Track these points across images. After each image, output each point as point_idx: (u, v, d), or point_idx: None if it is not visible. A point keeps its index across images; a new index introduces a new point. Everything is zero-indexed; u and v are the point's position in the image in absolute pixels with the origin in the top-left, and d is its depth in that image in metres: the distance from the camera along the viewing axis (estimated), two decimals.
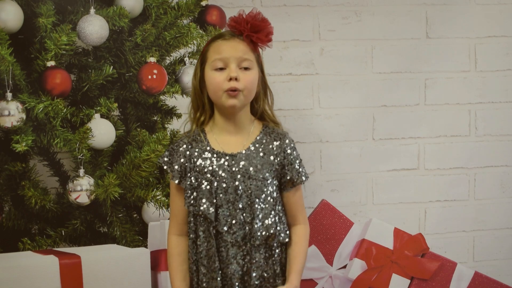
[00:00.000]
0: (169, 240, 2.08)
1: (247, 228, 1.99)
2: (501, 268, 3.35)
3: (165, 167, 2.06)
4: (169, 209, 2.17)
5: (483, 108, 3.34)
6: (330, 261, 2.66)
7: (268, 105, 2.09)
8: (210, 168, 2.01)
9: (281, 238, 2.02)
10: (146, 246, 2.55)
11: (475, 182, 3.36)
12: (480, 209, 3.37)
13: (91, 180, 2.55)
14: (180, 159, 2.03)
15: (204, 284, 2.01)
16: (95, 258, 2.27)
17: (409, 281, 2.63)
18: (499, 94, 3.34)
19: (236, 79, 1.97)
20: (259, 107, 2.07)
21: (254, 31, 1.99)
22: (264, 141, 2.04)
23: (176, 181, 2.03)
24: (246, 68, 1.99)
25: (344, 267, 2.66)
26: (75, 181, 2.54)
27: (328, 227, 2.67)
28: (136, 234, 2.66)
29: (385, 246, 2.64)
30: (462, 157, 3.34)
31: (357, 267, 2.61)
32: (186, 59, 2.76)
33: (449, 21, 3.27)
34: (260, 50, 2.05)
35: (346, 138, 3.23)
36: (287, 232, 2.05)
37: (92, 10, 2.57)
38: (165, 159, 2.06)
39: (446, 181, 3.33)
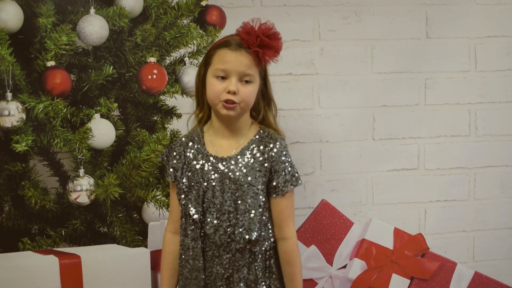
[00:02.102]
0: (164, 237, 2.12)
1: (231, 231, 1.99)
2: (501, 268, 3.35)
3: (164, 164, 2.09)
4: (169, 208, 2.18)
5: (483, 108, 3.34)
6: (330, 261, 2.66)
7: (272, 115, 2.08)
8: (201, 170, 2.02)
9: (265, 245, 2.02)
10: (146, 246, 2.55)
11: (475, 182, 3.36)
12: (480, 209, 3.37)
13: (91, 180, 2.55)
14: (175, 159, 2.06)
15: (188, 283, 2.02)
16: (95, 258, 2.27)
17: (409, 281, 2.63)
18: (499, 94, 3.34)
19: (234, 93, 1.97)
20: (260, 115, 2.06)
21: (262, 46, 1.97)
22: (255, 145, 2.03)
23: (172, 180, 2.06)
24: (247, 81, 1.99)
25: (344, 267, 2.66)
26: (75, 181, 2.54)
27: (328, 227, 2.67)
28: (136, 234, 2.66)
29: (385, 246, 2.64)
30: (462, 157, 3.34)
31: (357, 267, 2.61)
32: (186, 59, 2.76)
33: (449, 21, 3.27)
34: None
35: (346, 138, 3.23)
36: (272, 239, 2.03)
37: (92, 10, 2.57)
38: (164, 157, 2.09)
39: (446, 181, 3.33)
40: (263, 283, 2.02)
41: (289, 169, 2.02)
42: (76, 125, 2.59)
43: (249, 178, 1.99)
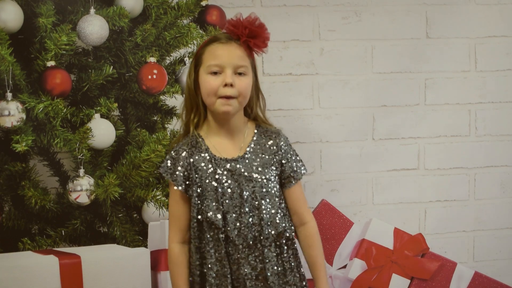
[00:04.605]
0: (171, 249, 2.04)
1: (256, 229, 1.99)
2: (501, 268, 3.35)
3: (167, 177, 2.02)
4: (171, 217, 2.12)
5: (483, 108, 3.34)
6: (330, 261, 2.66)
7: (260, 108, 2.08)
8: (214, 175, 2.00)
9: (287, 234, 2.03)
10: (146, 246, 2.55)
11: (475, 182, 3.36)
12: (480, 209, 3.37)
13: (91, 180, 2.55)
14: (182, 167, 2.01)
15: None
16: (95, 258, 2.27)
17: (409, 281, 2.63)
18: (499, 94, 3.35)
19: (231, 85, 1.97)
20: (252, 111, 2.07)
21: (251, 36, 1.98)
22: (260, 141, 2.04)
23: (180, 188, 2.00)
24: (241, 74, 1.99)
25: (344, 267, 2.66)
26: (75, 181, 2.54)
27: (328, 227, 2.67)
28: (136, 234, 2.66)
29: (385, 246, 2.64)
30: (462, 157, 3.34)
31: (357, 267, 2.61)
32: (186, 59, 2.76)
33: (449, 21, 3.27)
34: (255, 54, 2.04)
35: (346, 138, 3.24)
36: (292, 227, 2.05)
37: (92, 10, 2.57)
38: (167, 168, 2.03)
39: (446, 181, 3.33)
40: (291, 274, 2.02)
41: (295, 157, 2.07)
42: (76, 125, 2.59)
43: (264, 173, 2.01)
